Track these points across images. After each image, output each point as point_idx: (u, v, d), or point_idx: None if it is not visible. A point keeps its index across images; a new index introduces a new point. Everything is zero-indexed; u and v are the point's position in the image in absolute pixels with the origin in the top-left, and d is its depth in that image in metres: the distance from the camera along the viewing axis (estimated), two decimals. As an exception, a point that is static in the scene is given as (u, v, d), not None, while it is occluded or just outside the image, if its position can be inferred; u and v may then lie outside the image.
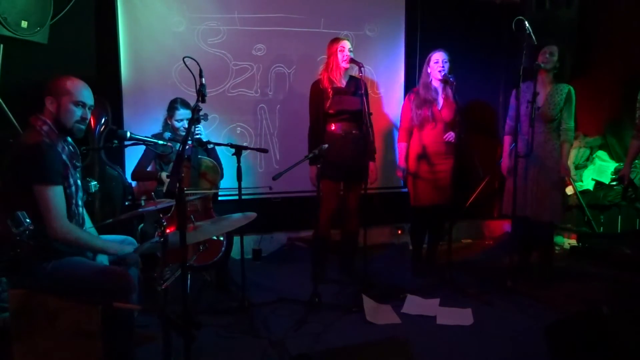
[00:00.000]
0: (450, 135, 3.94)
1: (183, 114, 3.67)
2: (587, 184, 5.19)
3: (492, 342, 3.06)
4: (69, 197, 2.41)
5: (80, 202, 2.55)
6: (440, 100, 4.03)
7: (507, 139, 4.13)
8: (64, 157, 2.42)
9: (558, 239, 5.12)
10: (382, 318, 3.35)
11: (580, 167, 5.22)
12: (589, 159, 5.29)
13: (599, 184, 5.06)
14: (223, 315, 3.35)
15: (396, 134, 4.75)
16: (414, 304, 3.57)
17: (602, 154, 5.21)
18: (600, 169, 5.11)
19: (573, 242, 5.10)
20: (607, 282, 4.05)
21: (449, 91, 3.95)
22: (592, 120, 5.15)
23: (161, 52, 4.26)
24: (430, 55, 4.03)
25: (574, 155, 5.19)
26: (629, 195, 4.31)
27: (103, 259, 2.59)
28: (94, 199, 3.68)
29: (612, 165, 5.07)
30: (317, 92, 3.92)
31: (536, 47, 3.86)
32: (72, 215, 2.44)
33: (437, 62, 3.95)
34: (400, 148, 4.21)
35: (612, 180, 4.77)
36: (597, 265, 4.49)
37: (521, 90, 3.83)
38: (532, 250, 4.20)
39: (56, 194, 2.31)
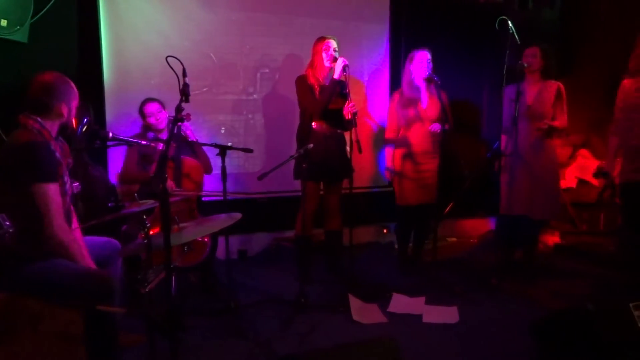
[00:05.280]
0: (436, 126, 3.91)
1: (151, 107, 3.67)
2: (570, 181, 5.26)
3: (477, 339, 3.08)
4: (63, 195, 2.39)
5: (70, 200, 2.53)
6: (425, 99, 4.04)
7: (504, 138, 4.07)
8: (57, 155, 2.39)
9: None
10: (369, 317, 3.35)
11: (563, 165, 5.28)
12: (571, 157, 5.35)
13: (581, 182, 5.12)
14: (209, 316, 3.33)
15: (381, 134, 4.76)
16: (400, 303, 3.58)
17: (584, 152, 5.28)
18: (583, 167, 5.17)
19: (556, 239, 5.15)
20: (591, 279, 4.10)
21: (434, 89, 3.96)
22: (575, 118, 5.21)
23: (144, 51, 4.22)
24: (413, 53, 4.02)
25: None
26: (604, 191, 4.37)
27: None
28: (77, 200, 3.63)
29: (595, 163, 5.14)
30: (307, 85, 3.83)
31: (519, 46, 3.88)
32: (66, 213, 2.41)
33: (422, 61, 3.95)
34: (387, 150, 4.21)
35: (597, 174, 4.82)
36: (580, 262, 4.53)
37: (511, 91, 3.85)
38: (515, 248, 4.23)
39: (54, 192, 2.29)
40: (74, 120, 3.72)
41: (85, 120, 3.85)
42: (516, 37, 3.80)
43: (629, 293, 3.57)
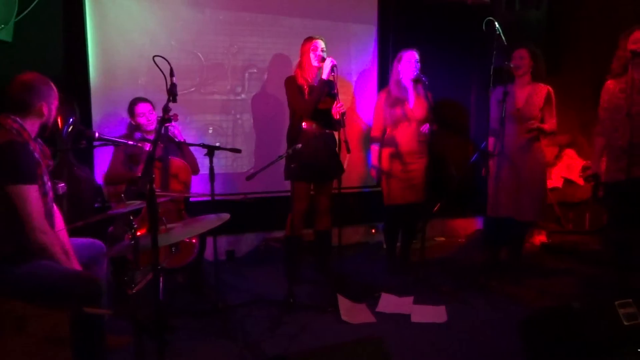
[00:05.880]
0: (426, 127, 3.93)
1: (142, 107, 3.65)
2: (557, 181, 5.30)
3: (466, 338, 3.09)
4: (43, 196, 2.36)
5: (51, 201, 2.49)
6: (412, 99, 4.05)
7: (491, 140, 4.06)
8: (36, 155, 2.37)
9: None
10: (357, 317, 3.36)
11: (549, 164, 5.32)
12: (557, 157, 5.40)
13: (567, 182, 5.17)
14: (197, 317, 3.31)
15: (369, 134, 4.77)
16: (388, 303, 3.58)
17: (570, 152, 5.32)
18: (569, 167, 5.22)
19: (543, 239, 5.19)
20: (577, 278, 4.14)
21: (421, 89, 3.97)
22: (561, 119, 5.26)
23: (131, 50, 4.18)
24: (401, 53, 4.02)
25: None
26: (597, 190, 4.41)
27: None
28: (62, 201, 3.59)
29: (580, 163, 5.18)
30: (296, 85, 3.83)
31: (506, 47, 3.90)
32: (47, 214, 2.38)
33: (410, 61, 3.96)
34: (373, 148, 4.21)
35: (585, 177, 4.86)
36: (566, 261, 4.58)
37: (498, 93, 3.85)
38: (501, 247, 4.25)
39: (33, 194, 2.26)
40: (59, 120, 3.70)
41: (71, 120, 3.81)
42: (503, 38, 3.82)
43: (615, 291, 3.61)
